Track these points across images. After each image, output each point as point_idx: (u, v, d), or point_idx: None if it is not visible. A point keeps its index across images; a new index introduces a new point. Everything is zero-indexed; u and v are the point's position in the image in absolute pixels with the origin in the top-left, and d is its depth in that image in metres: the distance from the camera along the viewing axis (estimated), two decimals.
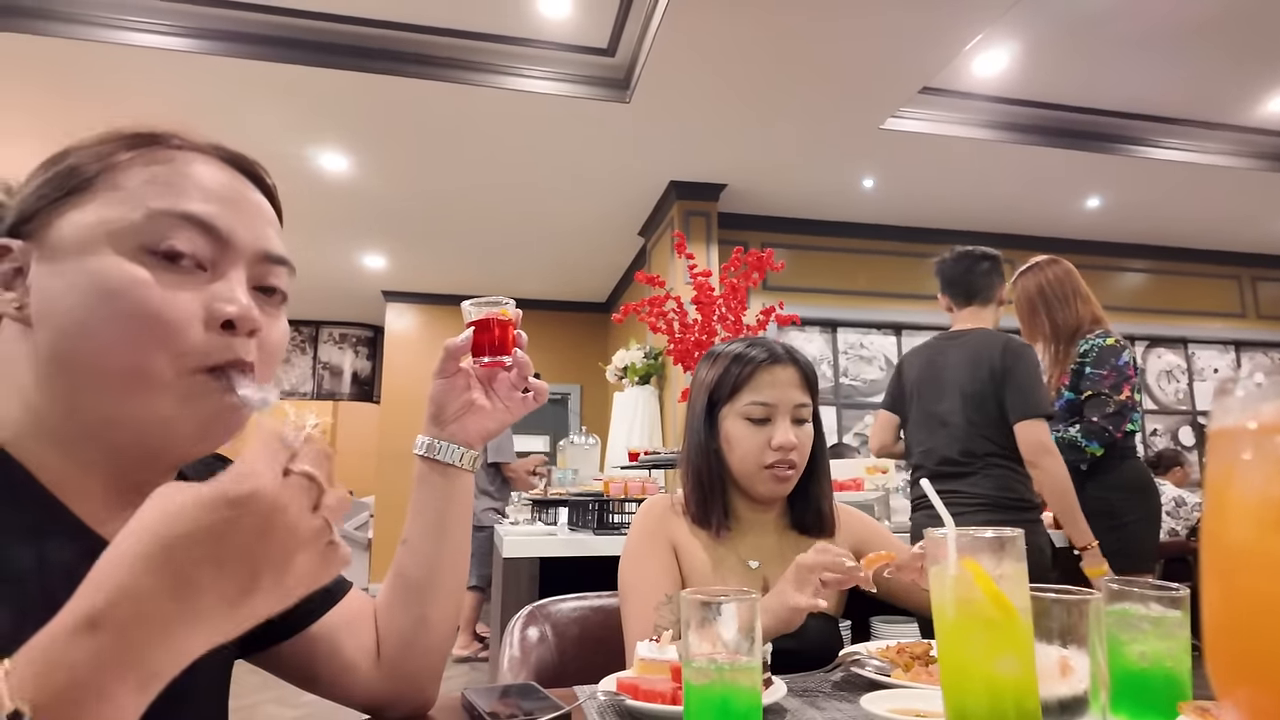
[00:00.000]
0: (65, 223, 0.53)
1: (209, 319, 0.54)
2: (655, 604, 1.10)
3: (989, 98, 4.21)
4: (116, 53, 3.36)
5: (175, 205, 0.54)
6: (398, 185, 4.83)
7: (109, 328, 0.51)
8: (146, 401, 0.52)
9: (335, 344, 8.44)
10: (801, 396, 1.19)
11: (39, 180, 0.56)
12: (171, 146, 0.57)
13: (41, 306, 0.52)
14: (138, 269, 0.52)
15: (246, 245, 0.58)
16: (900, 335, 5.60)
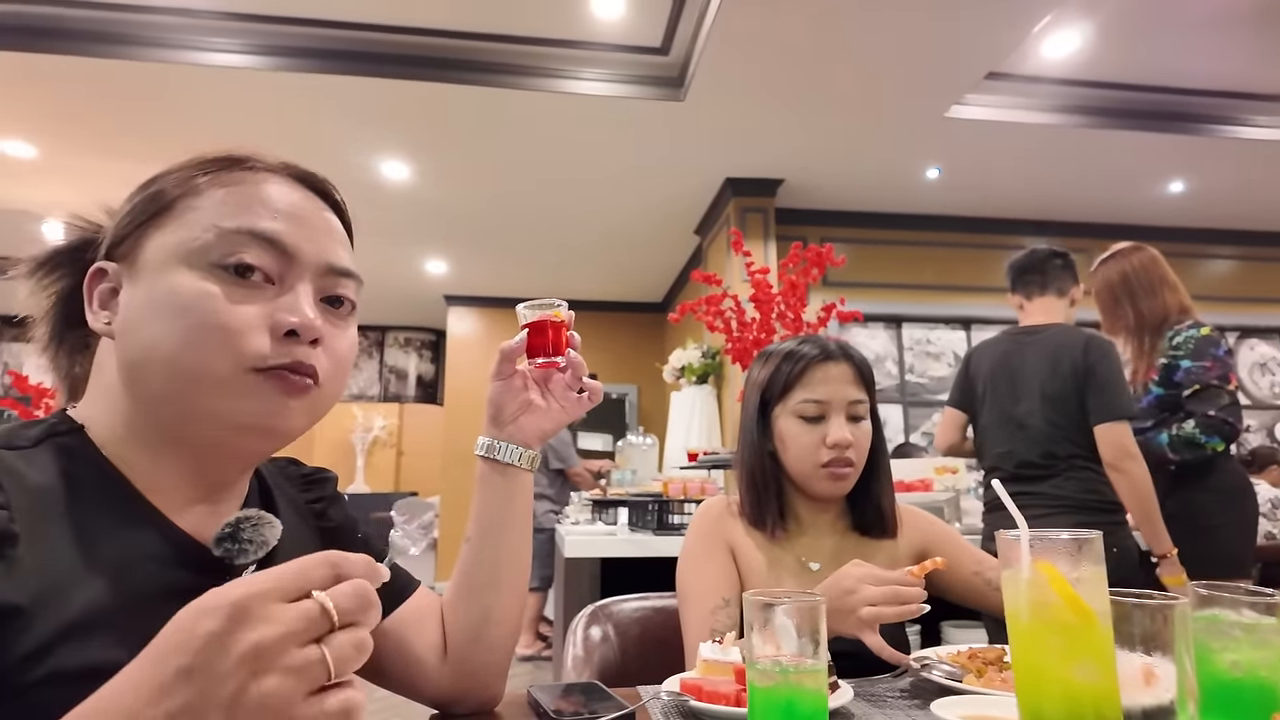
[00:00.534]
0: (149, 244, 0.58)
1: (273, 328, 0.57)
2: (713, 607, 1.09)
3: (1060, 81, 4.04)
4: (196, 73, 3.53)
5: (244, 223, 0.57)
6: (457, 191, 4.94)
7: (179, 337, 0.54)
8: (208, 394, 0.55)
9: (400, 348, 8.69)
10: (856, 393, 1.16)
11: (129, 206, 0.60)
12: (246, 168, 0.61)
13: (125, 321, 0.57)
14: (207, 284, 0.55)
15: (312, 259, 0.60)
16: (970, 330, 5.43)
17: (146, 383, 0.56)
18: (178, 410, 0.56)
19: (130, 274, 0.58)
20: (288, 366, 0.57)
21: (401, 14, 3.42)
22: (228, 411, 0.56)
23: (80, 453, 0.56)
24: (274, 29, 3.49)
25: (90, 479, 0.55)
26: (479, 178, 4.72)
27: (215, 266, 0.56)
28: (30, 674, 0.46)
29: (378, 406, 9.07)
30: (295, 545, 0.69)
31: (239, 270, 0.56)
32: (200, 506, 0.59)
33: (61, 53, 3.36)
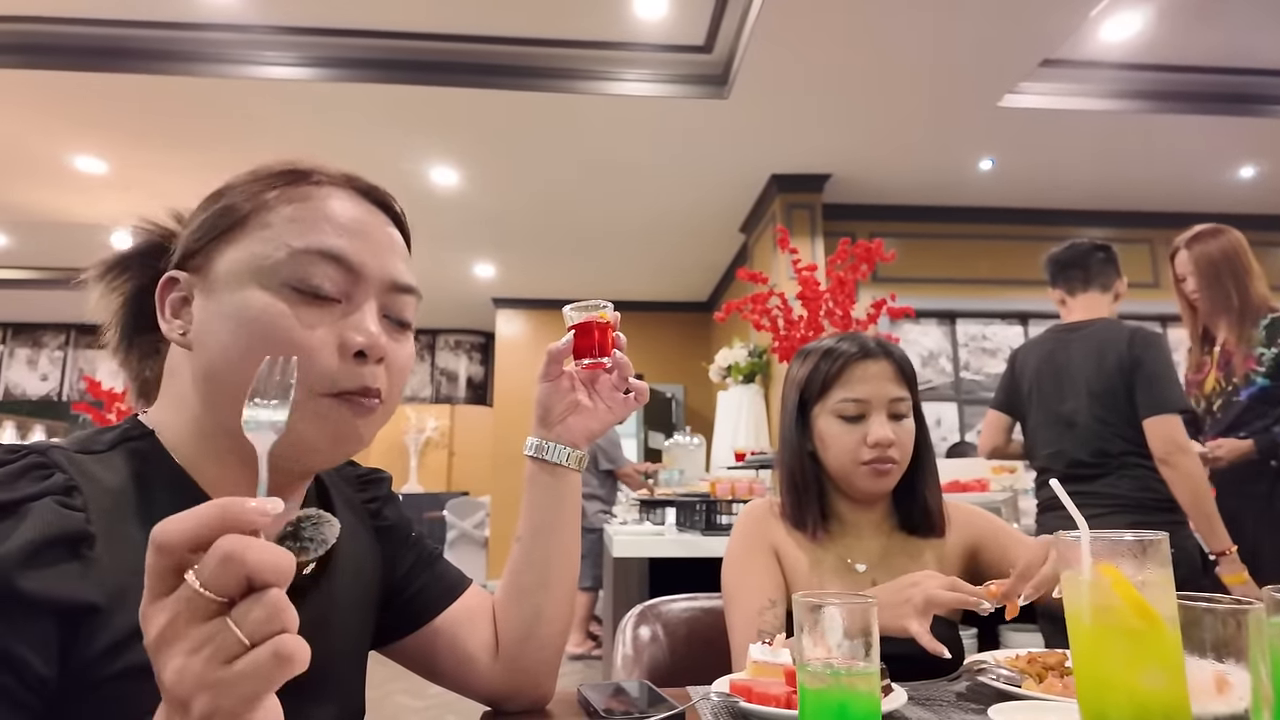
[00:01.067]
0: (222, 259, 0.59)
1: (341, 348, 0.59)
2: (759, 608, 1.09)
3: (1120, 65, 3.89)
4: (254, 86, 3.66)
5: (313, 243, 0.59)
6: (504, 195, 5.00)
7: (252, 354, 0.55)
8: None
9: (451, 350, 8.84)
10: (897, 390, 1.14)
11: (200, 218, 0.62)
12: (311, 183, 0.63)
13: (199, 332, 0.59)
14: (279, 303, 0.57)
15: (376, 276, 0.62)
16: (1027, 324, 5.27)
17: (219, 393, 0.58)
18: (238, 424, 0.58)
19: (203, 286, 0.60)
20: (357, 391, 0.59)
21: (449, 22, 3.48)
22: (305, 434, 0.58)
23: (152, 456, 0.58)
24: (326, 41, 3.59)
25: (161, 481, 0.57)
26: (525, 182, 4.78)
27: (286, 285, 0.58)
28: (108, 668, 0.48)
29: (430, 408, 9.25)
30: (353, 543, 0.72)
31: (309, 291, 0.58)
32: None
33: (127, 71, 3.52)
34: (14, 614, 0.44)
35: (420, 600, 0.80)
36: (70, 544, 0.48)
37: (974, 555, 1.17)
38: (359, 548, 0.74)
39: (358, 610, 0.71)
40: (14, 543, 0.45)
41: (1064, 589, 0.58)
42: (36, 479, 0.50)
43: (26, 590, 0.44)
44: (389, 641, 0.79)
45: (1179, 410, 1.92)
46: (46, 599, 0.45)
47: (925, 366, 5.16)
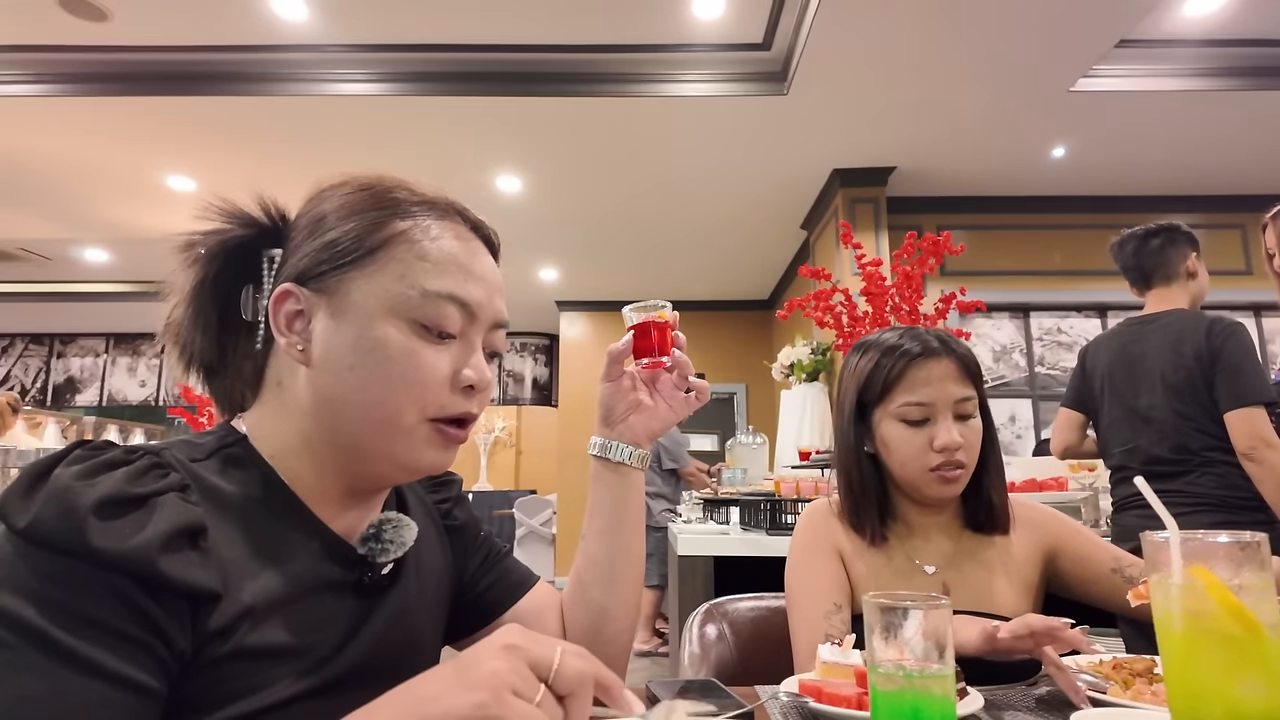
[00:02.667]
0: (353, 287, 0.62)
1: (455, 383, 0.64)
2: (825, 612, 1.06)
3: (1204, 42, 3.68)
4: (329, 103, 3.82)
5: (444, 288, 0.63)
6: (565, 200, 5.07)
7: (381, 384, 0.61)
8: (393, 439, 0.62)
9: (517, 353, 9.01)
10: (962, 390, 1.07)
11: (326, 238, 0.64)
12: (431, 215, 0.66)
13: (325, 353, 0.62)
14: (412, 339, 0.62)
15: (487, 316, 0.66)
16: (1105, 316, 5.04)
17: (338, 416, 0.62)
18: (360, 445, 0.62)
19: (329, 309, 0.62)
20: (459, 417, 0.64)
21: (509, 33, 3.55)
22: (403, 455, 0.63)
23: (248, 461, 0.62)
24: (395, 57, 3.71)
25: (255, 484, 0.61)
26: (586, 186, 4.83)
27: (415, 323, 0.62)
28: (218, 649, 0.52)
29: (498, 409, 9.45)
30: (425, 543, 0.75)
31: (435, 330, 0.63)
32: (351, 512, 0.66)
33: (211, 94, 3.72)
34: (158, 593, 0.49)
35: (490, 596, 0.83)
36: (194, 535, 0.53)
37: (1051, 559, 1.12)
38: (431, 548, 0.77)
39: (431, 607, 0.74)
40: (153, 530, 0.49)
41: (1152, 593, 0.56)
42: (158, 476, 0.54)
43: (167, 572, 0.49)
44: (460, 637, 0.82)
45: (1263, 402, 1.83)
46: (181, 581, 0.50)
47: (998, 361, 4.99)
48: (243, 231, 0.66)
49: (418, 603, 0.70)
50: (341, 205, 0.65)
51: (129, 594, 0.48)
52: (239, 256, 0.66)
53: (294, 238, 0.66)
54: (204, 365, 0.68)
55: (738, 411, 7.41)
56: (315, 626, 0.59)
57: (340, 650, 0.60)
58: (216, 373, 0.68)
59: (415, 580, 0.71)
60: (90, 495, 0.48)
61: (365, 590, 0.64)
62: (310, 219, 0.66)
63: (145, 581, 0.49)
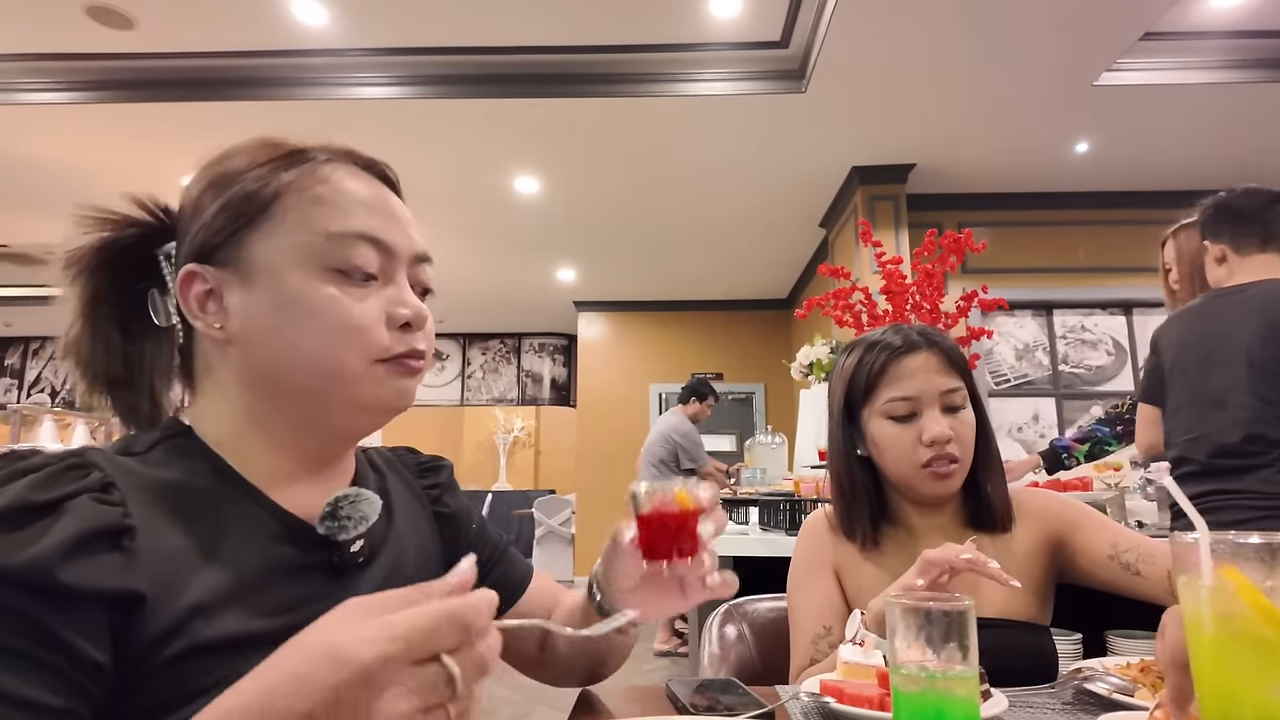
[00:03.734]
0: (255, 250, 0.60)
1: (389, 321, 0.62)
2: (814, 636, 1.05)
3: (1231, 34, 3.61)
4: (351, 106, 3.85)
5: (349, 226, 0.61)
6: (583, 200, 5.08)
7: (312, 339, 0.59)
8: (345, 387, 0.60)
9: (535, 353, 9.04)
10: (948, 381, 1.05)
11: (214, 208, 0.61)
12: (320, 161, 0.64)
13: (244, 325, 0.60)
14: (328, 287, 0.60)
15: (405, 251, 0.65)
16: (1131, 314, 4.96)
17: (280, 380, 0.60)
18: (314, 403, 0.61)
19: (238, 279, 0.60)
20: (407, 354, 0.62)
21: (527, 35, 3.56)
22: (362, 399, 0.61)
23: (192, 451, 0.60)
24: (413, 60, 3.74)
25: (202, 473, 0.59)
26: (604, 186, 4.84)
27: (329, 269, 0.60)
28: (167, 649, 0.50)
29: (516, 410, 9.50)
30: (411, 526, 0.73)
31: (352, 272, 0.61)
32: (308, 489, 0.63)
33: (235, 99, 3.77)
34: (60, 604, 0.46)
35: None
36: (109, 537, 0.50)
37: (1056, 550, 1.07)
38: (419, 530, 0.75)
39: None
40: (52, 538, 0.46)
41: (1181, 594, 0.55)
42: (74, 479, 0.51)
43: (68, 582, 0.46)
44: None
45: None
46: (90, 589, 0.47)
47: (1021, 360, 4.93)
48: (126, 234, 0.63)
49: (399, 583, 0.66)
50: (220, 174, 0.62)
51: (22, 609, 0.45)
52: (129, 262, 0.63)
53: (182, 224, 0.63)
54: (109, 380, 0.64)
55: (756, 411, 7.39)
56: (284, 610, 0.56)
57: None
58: (123, 385, 0.65)
59: (394, 559, 0.68)
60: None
61: (337, 569, 0.62)
62: (193, 199, 0.63)
63: (43, 594, 0.45)
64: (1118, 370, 4.89)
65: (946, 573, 0.85)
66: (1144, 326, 4.95)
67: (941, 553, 0.86)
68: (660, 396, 7.16)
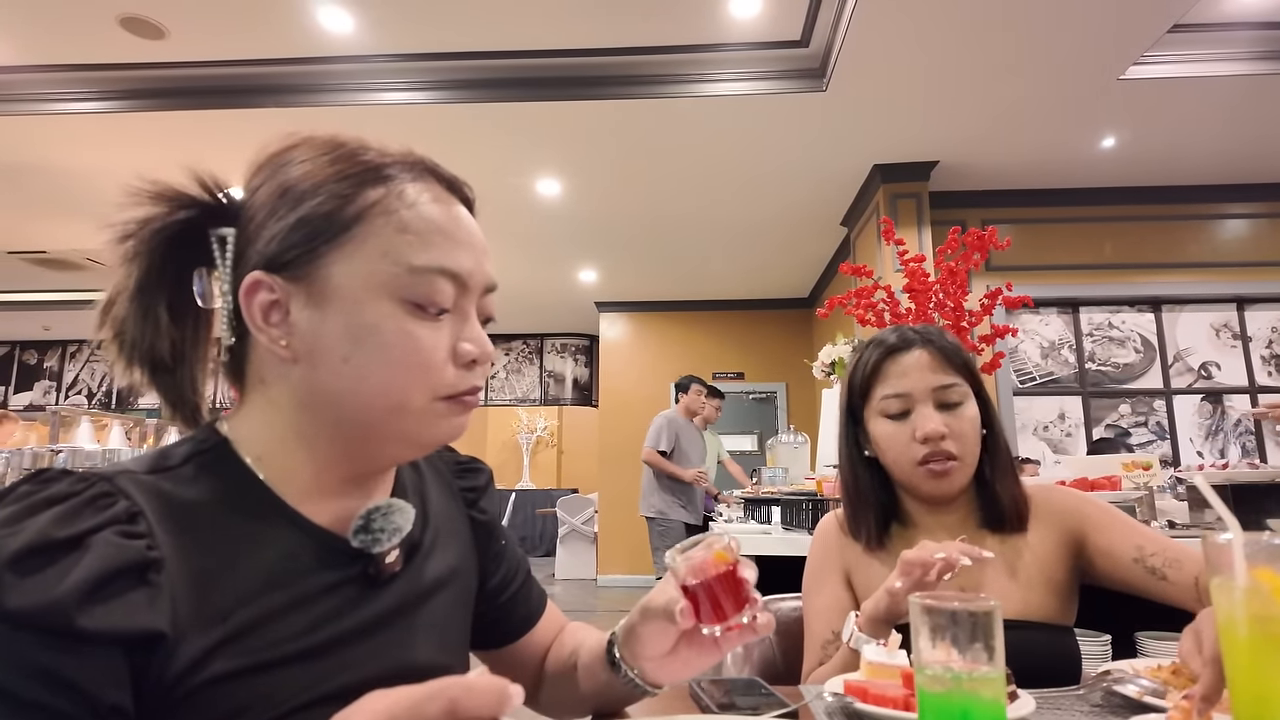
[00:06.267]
0: (332, 270, 0.57)
1: (457, 358, 0.60)
2: (823, 641, 1.05)
3: (1262, 25, 3.54)
4: (374, 112, 3.90)
5: (433, 262, 0.58)
6: (605, 201, 5.09)
7: (381, 372, 0.57)
8: (404, 422, 0.58)
9: (558, 354, 9.08)
10: (942, 378, 1.04)
11: (291, 219, 0.57)
12: (406, 180, 0.61)
13: (314, 347, 0.57)
14: (405, 320, 0.57)
15: (479, 284, 0.62)
16: (1160, 311, 4.88)
17: (341, 408, 0.58)
18: (370, 431, 0.58)
19: (309, 296, 0.57)
20: (467, 392, 0.61)
21: (548, 38, 3.58)
22: (419, 434, 0.60)
23: (226, 465, 0.58)
24: (437, 65, 3.78)
25: (236, 491, 0.57)
26: (625, 187, 4.85)
27: (408, 303, 0.57)
28: (190, 682, 0.49)
29: (539, 410, 9.55)
30: (448, 527, 0.72)
31: (429, 306, 0.58)
32: (346, 501, 0.61)
33: (263, 106, 3.83)
34: (78, 649, 0.44)
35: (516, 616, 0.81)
36: (133, 573, 0.48)
37: (1077, 551, 1.05)
38: (455, 531, 0.73)
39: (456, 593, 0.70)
40: (73, 579, 0.44)
41: (1214, 596, 0.54)
42: (99, 509, 0.49)
43: (87, 628, 0.44)
44: (477, 647, 0.78)
45: None
46: (109, 632, 0.45)
47: (1046, 358, 4.87)
48: (184, 214, 0.60)
49: (435, 587, 0.66)
50: (303, 175, 0.59)
51: (37, 657, 0.43)
52: (183, 242, 0.59)
53: (253, 216, 0.59)
54: (153, 362, 0.60)
55: (778, 410, 7.36)
56: (314, 629, 0.55)
57: (352, 647, 0.57)
58: (167, 369, 0.61)
59: (430, 564, 0.66)
60: (9, 547, 0.44)
61: (372, 582, 0.60)
62: (269, 194, 0.59)
63: (60, 639, 0.44)
64: (1146, 367, 4.81)
65: (931, 572, 0.85)
66: (1173, 323, 4.86)
67: (918, 553, 0.86)
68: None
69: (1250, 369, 4.81)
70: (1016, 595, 1.02)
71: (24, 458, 4.29)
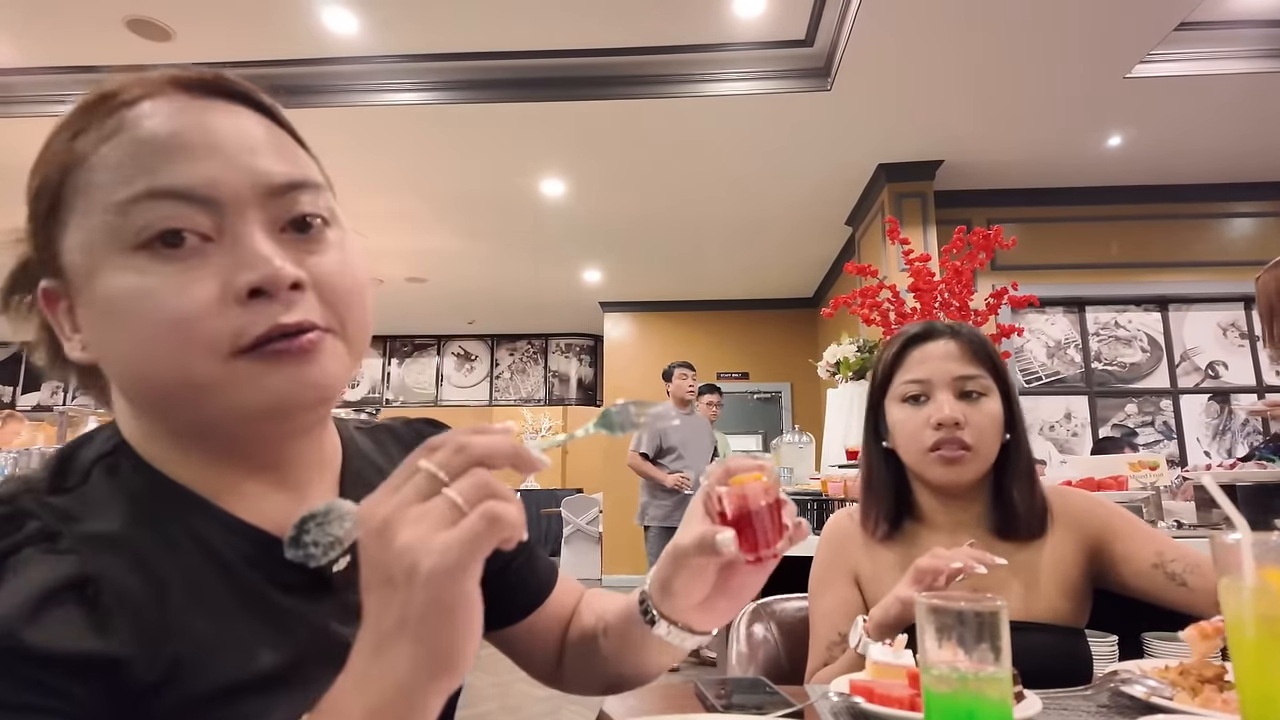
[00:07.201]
0: (63, 249, 0.47)
1: (235, 296, 0.45)
2: (829, 642, 1.05)
3: (1269, 23, 3.52)
4: (379, 113, 3.92)
5: (140, 187, 0.45)
6: (609, 201, 5.10)
7: (142, 348, 0.45)
8: (211, 401, 0.46)
9: (562, 354, 9.10)
10: (964, 368, 1.03)
11: (29, 211, 0.50)
12: (123, 105, 0.48)
13: (94, 344, 0.49)
14: (133, 276, 0.45)
15: (237, 188, 0.47)
16: (1167, 310, 4.86)
17: (147, 397, 0.49)
18: (191, 415, 0.48)
19: (78, 291, 0.48)
20: (269, 335, 0.46)
21: (553, 39, 3.59)
22: (235, 406, 0.46)
23: (130, 470, 0.49)
24: (441, 66, 3.78)
25: (149, 498, 0.48)
26: (629, 187, 4.85)
27: (135, 249, 0.45)
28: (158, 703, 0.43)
29: (544, 409, 9.56)
30: None
31: (163, 242, 0.45)
32: (277, 496, 0.52)
33: None
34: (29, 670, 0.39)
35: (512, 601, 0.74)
36: (75, 588, 0.42)
37: (1094, 556, 1.03)
38: None
39: None
40: (12, 599, 0.39)
41: (1222, 596, 0.54)
42: (7, 533, 0.43)
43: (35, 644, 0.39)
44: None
45: None
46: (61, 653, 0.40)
47: (1052, 358, 4.85)
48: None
49: None
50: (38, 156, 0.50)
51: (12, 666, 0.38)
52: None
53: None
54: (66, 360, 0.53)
55: (783, 411, 7.35)
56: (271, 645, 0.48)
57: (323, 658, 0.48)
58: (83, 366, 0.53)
59: None
60: None
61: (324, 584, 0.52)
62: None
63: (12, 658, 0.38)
64: (1153, 367, 4.79)
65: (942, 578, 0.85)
66: (1179, 323, 4.84)
67: (931, 561, 0.86)
68: None
69: (1258, 368, 4.79)
70: (1030, 598, 1.01)
71: (31, 458, 4.31)
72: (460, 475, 0.38)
